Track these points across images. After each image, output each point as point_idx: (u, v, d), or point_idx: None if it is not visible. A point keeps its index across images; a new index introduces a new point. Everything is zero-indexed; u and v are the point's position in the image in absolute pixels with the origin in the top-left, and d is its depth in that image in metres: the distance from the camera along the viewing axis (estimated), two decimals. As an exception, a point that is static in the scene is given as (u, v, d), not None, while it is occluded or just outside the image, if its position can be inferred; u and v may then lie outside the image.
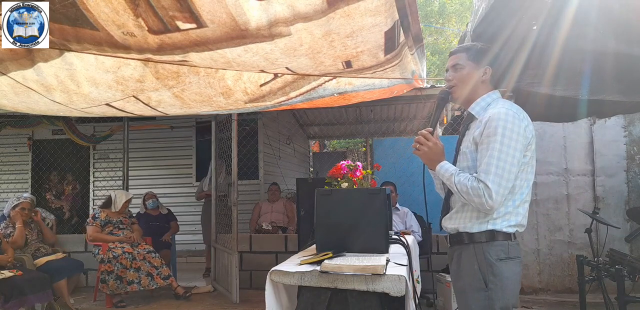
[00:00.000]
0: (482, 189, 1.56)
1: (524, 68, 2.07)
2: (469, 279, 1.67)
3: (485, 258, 1.64)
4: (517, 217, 1.66)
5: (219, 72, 2.60)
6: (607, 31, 1.79)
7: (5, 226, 4.45)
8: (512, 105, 1.69)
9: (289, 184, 7.53)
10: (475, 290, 1.64)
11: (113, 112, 3.22)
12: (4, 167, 7.87)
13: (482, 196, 1.56)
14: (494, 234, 1.65)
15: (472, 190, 1.58)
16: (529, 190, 1.69)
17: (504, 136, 1.58)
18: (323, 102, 3.48)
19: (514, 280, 1.63)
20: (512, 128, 1.59)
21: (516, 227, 1.67)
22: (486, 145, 1.61)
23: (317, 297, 1.78)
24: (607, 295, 3.33)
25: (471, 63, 1.77)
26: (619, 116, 4.94)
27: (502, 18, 1.89)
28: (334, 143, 14.59)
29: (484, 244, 1.66)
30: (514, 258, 1.64)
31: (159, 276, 4.81)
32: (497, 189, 1.56)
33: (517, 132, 1.59)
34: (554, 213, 5.06)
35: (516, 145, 1.59)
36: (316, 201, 2.25)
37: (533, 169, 1.69)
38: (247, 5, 1.70)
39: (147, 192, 5.95)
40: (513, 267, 1.64)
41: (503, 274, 1.61)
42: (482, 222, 1.67)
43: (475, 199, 1.58)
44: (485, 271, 1.63)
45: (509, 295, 1.61)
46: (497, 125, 1.60)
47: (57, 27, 1.85)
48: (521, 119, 1.63)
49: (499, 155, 1.57)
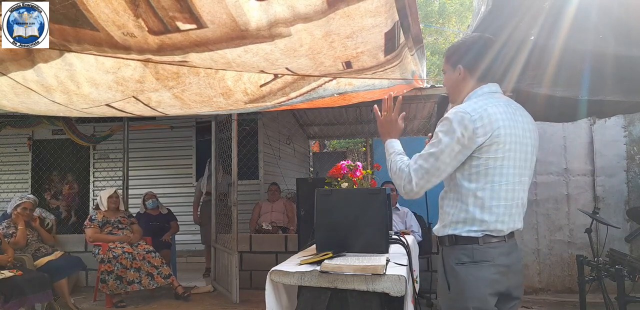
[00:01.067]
0: (407, 173, 1.62)
1: (524, 69, 2.06)
2: (440, 282, 1.67)
3: (447, 262, 1.62)
4: (482, 225, 1.58)
5: (219, 72, 2.60)
6: (606, 32, 1.79)
7: (7, 226, 4.46)
8: (471, 105, 1.60)
9: (289, 184, 7.53)
10: (443, 292, 1.65)
11: (113, 113, 3.22)
12: (4, 167, 7.87)
13: (403, 179, 1.63)
14: (455, 238, 1.62)
15: (399, 171, 1.65)
16: (499, 195, 1.58)
17: (445, 134, 1.57)
18: (323, 102, 3.48)
19: (477, 286, 1.55)
20: (454, 128, 1.55)
21: (485, 231, 1.59)
22: (433, 138, 1.63)
23: (317, 297, 1.79)
24: (607, 295, 3.33)
25: (449, 66, 1.78)
26: (619, 116, 4.94)
27: (502, 19, 1.89)
28: (334, 143, 14.59)
29: (447, 248, 1.65)
30: (480, 262, 1.57)
31: (159, 275, 4.81)
32: (418, 179, 1.59)
33: (459, 132, 1.54)
34: (554, 213, 5.06)
35: (453, 152, 1.55)
36: (316, 201, 2.26)
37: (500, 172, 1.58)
38: (247, 6, 1.70)
39: (147, 192, 5.95)
40: (475, 271, 1.57)
41: (462, 278, 1.57)
42: (444, 226, 1.65)
43: (397, 181, 1.65)
44: (448, 275, 1.61)
45: (468, 298, 1.55)
46: (443, 122, 1.60)
47: (57, 27, 1.85)
48: (472, 120, 1.54)
49: (431, 157, 1.58)
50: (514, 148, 1.60)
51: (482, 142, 1.55)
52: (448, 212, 1.65)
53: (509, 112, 1.62)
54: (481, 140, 1.54)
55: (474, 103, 1.62)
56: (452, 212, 1.64)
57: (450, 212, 1.64)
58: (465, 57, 1.72)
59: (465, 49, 1.73)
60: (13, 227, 4.45)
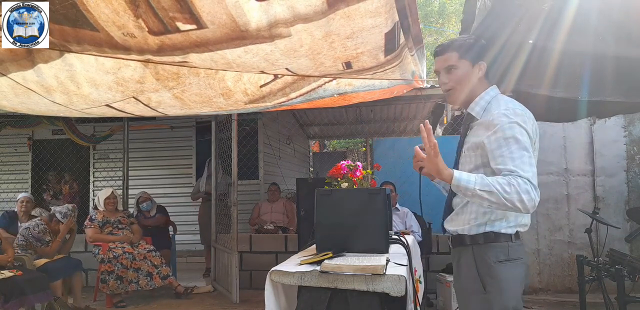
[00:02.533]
0: (528, 183, 1.44)
1: (524, 70, 2.07)
2: (468, 281, 1.65)
3: (484, 260, 1.60)
4: (517, 217, 1.61)
5: (219, 73, 2.61)
6: (606, 34, 1.79)
7: (43, 231, 4.37)
8: (514, 104, 1.63)
9: (289, 184, 7.54)
10: (474, 292, 1.61)
11: (113, 113, 3.22)
12: (4, 167, 7.87)
13: (530, 191, 1.44)
14: (492, 236, 1.61)
15: (519, 187, 1.43)
16: None
17: (520, 134, 1.53)
18: (323, 102, 3.48)
19: (514, 283, 1.58)
20: (520, 125, 1.55)
21: (517, 227, 1.62)
22: (507, 144, 1.52)
23: (317, 297, 1.78)
24: (607, 295, 3.33)
25: (465, 61, 1.67)
26: (619, 116, 4.94)
27: (501, 20, 1.89)
28: (334, 143, 14.59)
29: (483, 246, 1.62)
30: (514, 260, 1.59)
31: (158, 276, 4.81)
32: (536, 184, 1.48)
33: (524, 129, 1.55)
34: (554, 213, 5.06)
35: (527, 143, 1.54)
36: (316, 201, 2.25)
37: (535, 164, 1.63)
38: (247, 7, 1.70)
39: (141, 193, 5.86)
40: (512, 269, 1.59)
41: (501, 276, 1.57)
42: (480, 224, 1.63)
43: (525, 195, 1.43)
44: (484, 274, 1.59)
45: (509, 298, 1.56)
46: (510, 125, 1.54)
47: (57, 28, 1.85)
48: (526, 117, 1.59)
49: (521, 155, 1.50)
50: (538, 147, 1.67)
51: (534, 138, 1.60)
52: (480, 211, 1.63)
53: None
54: (533, 135, 1.59)
55: (512, 103, 1.64)
56: (486, 210, 1.62)
57: (482, 210, 1.63)
58: (485, 54, 1.69)
59: (482, 46, 1.69)
60: (49, 234, 4.42)
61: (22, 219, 4.95)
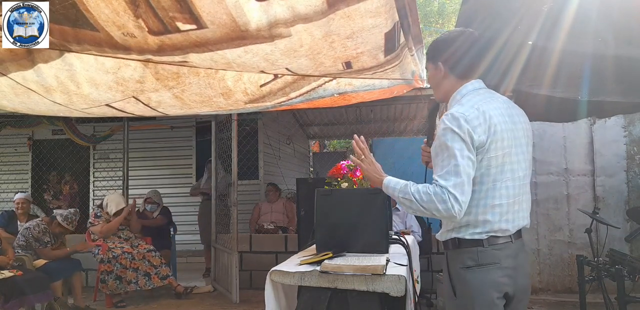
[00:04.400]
0: (446, 193, 1.46)
1: (524, 70, 2.07)
2: (445, 287, 1.65)
3: (452, 266, 1.59)
4: (486, 225, 1.54)
5: (219, 72, 2.61)
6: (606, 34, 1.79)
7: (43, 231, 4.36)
8: (462, 107, 1.56)
9: (289, 184, 7.53)
10: (449, 298, 1.61)
11: (113, 113, 3.22)
12: (4, 167, 7.87)
13: (447, 201, 1.45)
14: (458, 241, 1.58)
15: (435, 196, 1.47)
16: (501, 193, 1.55)
17: (451, 141, 1.49)
18: (323, 102, 3.48)
19: (485, 288, 1.52)
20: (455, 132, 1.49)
21: (489, 232, 1.55)
22: (440, 152, 1.53)
23: (317, 297, 1.79)
24: (607, 295, 3.33)
25: (430, 65, 1.73)
26: (619, 116, 4.94)
27: (501, 20, 1.89)
28: (334, 143, 14.59)
29: (451, 252, 1.61)
30: (485, 265, 1.53)
31: (157, 276, 4.81)
32: (460, 194, 1.46)
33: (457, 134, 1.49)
34: (554, 213, 5.06)
35: (459, 149, 1.48)
36: (316, 201, 2.26)
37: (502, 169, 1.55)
38: (247, 7, 1.70)
39: (151, 194, 5.90)
40: (483, 275, 1.53)
41: (470, 282, 1.53)
42: (448, 231, 1.62)
43: (440, 205, 1.45)
44: (454, 279, 1.58)
45: (478, 305, 1.52)
46: (443, 132, 1.52)
47: (57, 28, 1.85)
48: (469, 120, 1.50)
49: (455, 167, 1.47)
50: (512, 143, 1.57)
51: (484, 141, 1.50)
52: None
53: (501, 108, 1.59)
54: (483, 138, 1.50)
55: (466, 102, 1.59)
56: None
57: None
58: (444, 53, 1.66)
59: (445, 45, 1.67)
60: (49, 235, 4.41)
61: (20, 219, 4.96)
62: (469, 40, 1.64)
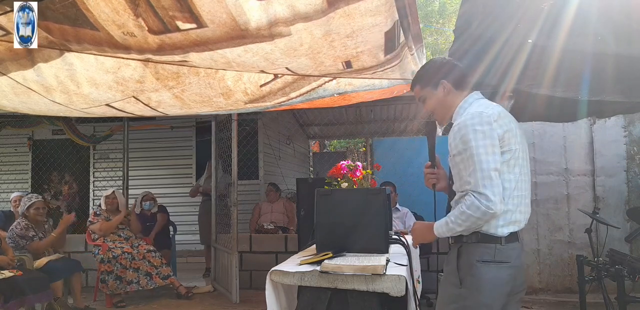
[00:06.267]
0: (476, 198, 1.54)
1: (524, 70, 2.06)
2: (448, 275, 1.71)
3: (468, 258, 1.64)
4: (507, 215, 1.62)
5: (219, 72, 2.60)
6: (606, 33, 1.79)
7: (25, 227, 4.35)
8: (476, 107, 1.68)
9: (289, 184, 7.53)
10: (450, 284, 1.68)
11: (113, 113, 3.22)
12: (4, 167, 7.87)
13: (480, 206, 1.53)
14: (481, 236, 1.63)
15: (468, 209, 1.55)
16: (516, 185, 1.64)
17: (473, 140, 1.58)
18: (323, 102, 3.48)
19: (493, 285, 1.60)
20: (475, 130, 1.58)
21: (508, 225, 1.63)
22: (465, 157, 1.59)
23: (317, 297, 1.78)
24: (607, 295, 3.33)
25: (427, 89, 1.82)
26: (619, 116, 4.93)
27: (501, 20, 1.89)
28: (334, 143, 14.59)
29: (469, 245, 1.66)
30: (499, 262, 1.61)
31: (158, 276, 4.81)
32: (491, 192, 1.53)
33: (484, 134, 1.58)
34: (554, 213, 5.05)
35: (492, 148, 1.57)
36: (316, 201, 2.25)
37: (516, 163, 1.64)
38: (247, 6, 1.70)
39: (146, 193, 5.91)
40: (496, 271, 1.60)
41: (482, 275, 1.60)
42: None
43: (477, 213, 1.54)
44: (465, 270, 1.63)
45: (484, 297, 1.59)
46: (462, 133, 1.61)
47: (57, 27, 1.85)
48: (488, 116, 1.61)
49: (479, 166, 1.55)
50: (522, 140, 1.70)
51: (502, 133, 1.60)
52: None
53: (505, 111, 1.72)
54: (501, 131, 1.60)
55: (477, 106, 1.69)
56: None
57: None
58: (442, 73, 1.80)
59: (436, 68, 1.83)
60: (32, 229, 4.40)
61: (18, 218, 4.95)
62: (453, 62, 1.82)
